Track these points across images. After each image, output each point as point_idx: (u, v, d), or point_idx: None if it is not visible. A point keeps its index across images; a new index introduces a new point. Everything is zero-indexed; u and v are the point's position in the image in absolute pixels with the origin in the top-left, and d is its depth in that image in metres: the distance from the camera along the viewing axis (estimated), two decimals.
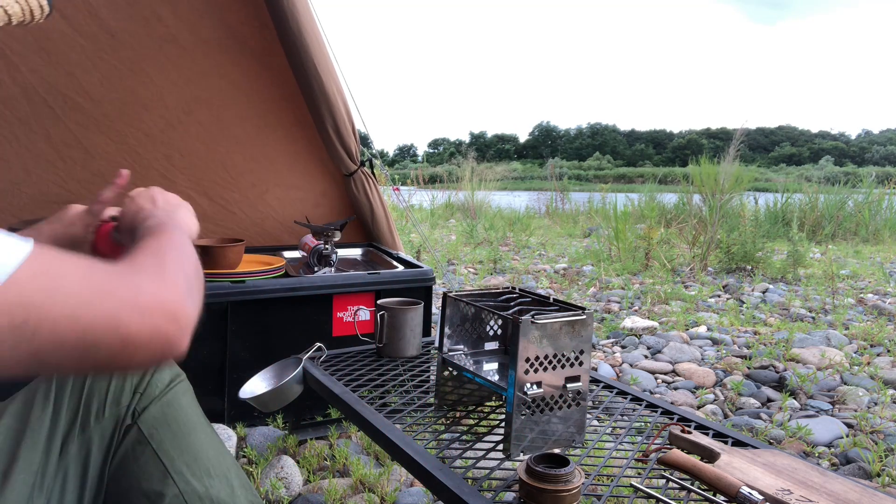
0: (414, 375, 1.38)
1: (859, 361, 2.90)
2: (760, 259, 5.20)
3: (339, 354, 1.49)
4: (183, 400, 0.94)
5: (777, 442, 2.10)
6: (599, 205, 9.44)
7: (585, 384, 1.03)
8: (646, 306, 3.93)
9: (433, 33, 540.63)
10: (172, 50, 2.46)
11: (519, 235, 7.34)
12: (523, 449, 0.99)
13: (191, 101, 2.54)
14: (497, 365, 1.21)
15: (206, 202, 2.65)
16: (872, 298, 4.29)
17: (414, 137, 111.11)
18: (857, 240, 7.67)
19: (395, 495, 1.67)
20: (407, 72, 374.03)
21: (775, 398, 2.48)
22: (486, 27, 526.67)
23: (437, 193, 11.17)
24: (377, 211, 2.73)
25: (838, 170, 18.67)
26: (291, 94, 2.58)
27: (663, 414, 1.19)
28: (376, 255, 2.58)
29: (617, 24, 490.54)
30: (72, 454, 0.85)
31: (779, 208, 8.19)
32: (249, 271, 2.03)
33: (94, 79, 2.36)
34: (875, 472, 1.87)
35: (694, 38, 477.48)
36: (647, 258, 5.40)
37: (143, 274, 0.63)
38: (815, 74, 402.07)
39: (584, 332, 1.02)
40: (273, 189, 2.74)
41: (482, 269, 5.12)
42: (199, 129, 2.58)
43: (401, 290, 2.09)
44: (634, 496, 0.89)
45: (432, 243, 6.60)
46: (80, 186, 2.46)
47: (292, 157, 2.74)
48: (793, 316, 3.75)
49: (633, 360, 2.90)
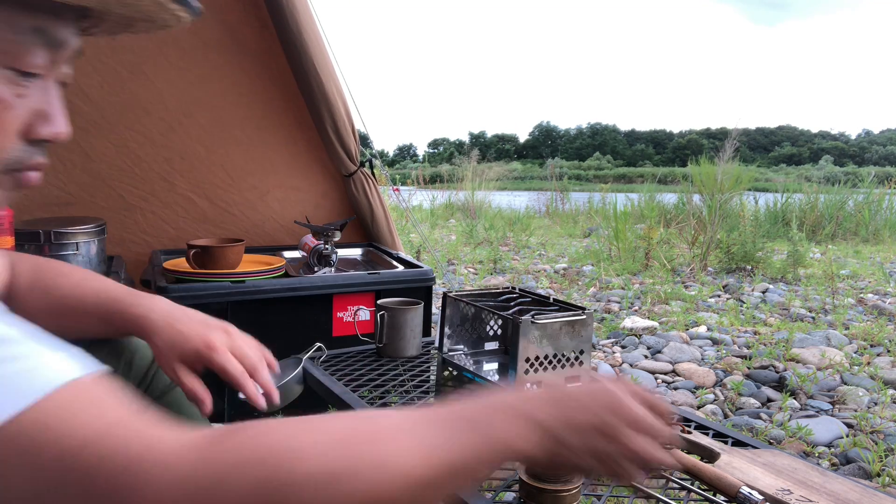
0: (414, 375, 1.38)
1: (859, 361, 2.90)
2: (760, 259, 5.20)
3: (339, 354, 1.49)
4: (183, 401, 0.94)
5: (777, 442, 2.10)
6: (599, 205, 9.44)
7: None
8: (646, 306, 3.93)
9: (433, 33, 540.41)
10: (172, 52, 2.46)
11: (519, 235, 7.34)
12: None
13: (191, 103, 2.54)
14: (497, 365, 1.21)
15: (207, 204, 2.65)
16: (872, 298, 4.29)
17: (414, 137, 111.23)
18: (857, 240, 7.67)
19: None
20: (407, 72, 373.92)
21: (775, 398, 2.48)
22: (486, 27, 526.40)
23: (437, 193, 11.17)
24: (377, 211, 2.73)
25: (838, 170, 18.68)
26: (291, 94, 2.59)
27: None
28: (376, 255, 2.58)
29: (617, 24, 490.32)
30: None
31: (779, 208, 8.19)
32: (249, 271, 2.03)
33: (93, 82, 2.36)
34: (875, 472, 1.87)
35: (694, 38, 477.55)
36: (647, 258, 5.40)
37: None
38: (816, 75, 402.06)
39: (584, 332, 1.02)
40: (273, 190, 2.74)
41: (482, 269, 5.12)
42: (200, 131, 2.58)
43: (401, 290, 2.09)
44: (634, 496, 0.89)
45: (432, 243, 6.60)
46: (80, 189, 2.46)
47: (292, 157, 2.74)
48: (793, 316, 3.75)
49: (633, 360, 2.90)
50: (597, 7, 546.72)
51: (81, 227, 1.98)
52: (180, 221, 2.63)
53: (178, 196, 2.61)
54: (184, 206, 2.63)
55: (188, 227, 2.65)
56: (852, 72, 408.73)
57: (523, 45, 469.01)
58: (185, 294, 1.86)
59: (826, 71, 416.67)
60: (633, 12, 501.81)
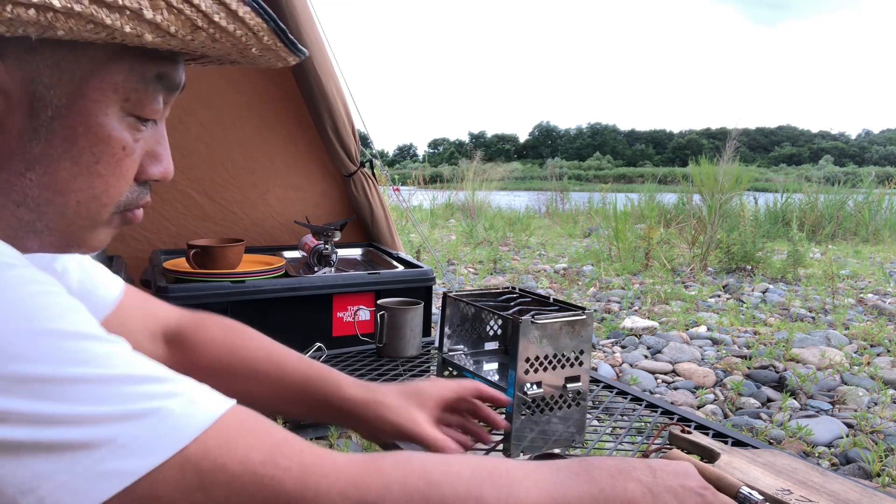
0: (414, 375, 1.38)
1: (859, 361, 2.90)
2: (760, 259, 5.20)
3: (339, 354, 1.49)
4: None
5: (777, 442, 2.10)
6: (599, 205, 9.44)
7: (585, 384, 1.03)
8: (646, 306, 3.93)
9: (433, 33, 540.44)
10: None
11: (519, 235, 7.34)
12: (523, 449, 1.00)
13: (191, 100, 2.54)
14: (497, 365, 1.21)
15: (207, 201, 2.65)
16: (872, 298, 4.29)
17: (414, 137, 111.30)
18: (857, 240, 7.67)
19: None
20: (407, 72, 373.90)
21: (775, 398, 2.48)
22: (487, 27, 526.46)
23: (437, 193, 11.17)
24: (377, 211, 2.73)
25: (838, 170, 18.69)
26: (291, 94, 2.59)
27: (663, 414, 1.19)
28: (376, 255, 2.58)
29: (617, 24, 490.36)
30: None
31: (779, 208, 8.19)
32: (249, 271, 2.03)
33: None
34: (875, 472, 1.87)
35: (694, 39, 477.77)
36: (647, 258, 5.40)
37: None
38: (816, 75, 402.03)
39: (584, 332, 1.02)
40: (273, 189, 2.74)
41: (482, 269, 5.12)
42: (200, 128, 2.58)
43: (401, 290, 2.09)
44: None
45: (432, 243, 6.60)
46: None
47: (292, 157, 2.74)
48: (793, 316, 3.75)
49: (633, 360, 2.90)
50: (597, 7, 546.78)
51: None
52: (180, 218, 2.63)
53: (178, 193, 2.61)
54: (184, 203, 2.63)
55: (188, 223, 2.65)
56: (852, 72, 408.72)
57: (523, 45, 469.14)
58: (184, 294, 1.86)
59: (826, 71, 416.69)
60: (634, 12, 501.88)
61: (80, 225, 0.56)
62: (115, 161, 0.55)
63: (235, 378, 0.82)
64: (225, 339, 0.85)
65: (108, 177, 0.55)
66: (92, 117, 0.52)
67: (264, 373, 0.84)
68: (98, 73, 0.52)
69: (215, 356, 0.83)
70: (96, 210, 0.56)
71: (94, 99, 0.52)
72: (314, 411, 0.85)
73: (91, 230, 0.57)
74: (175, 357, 0.83)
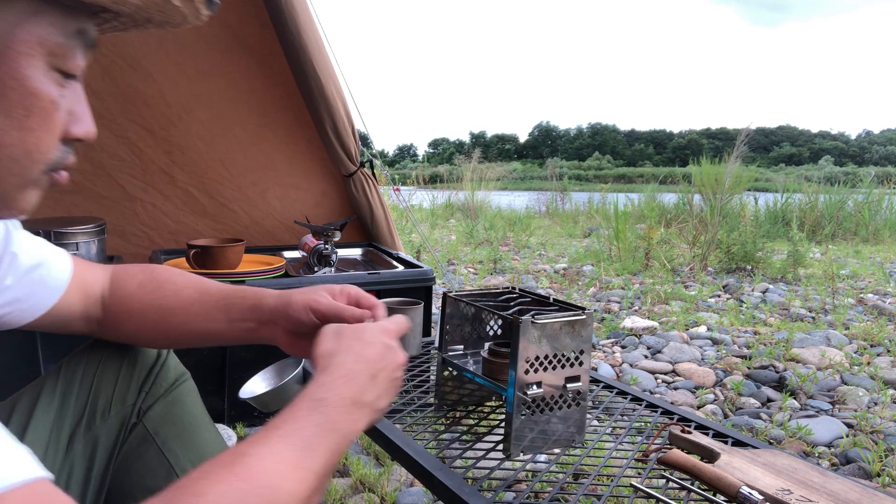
0: (414, 375, 1.38)
1: (859, 361, 2.90)
2: (760, 259, 5.20)
3: None
4: (188, 399, 0.93)
5: (777, 442, 2.10)
6: (599, 205, 9.45)
7: (585, 384, 1.03)
8: (646, 306, 3.93)
9: (433, 33, 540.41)
10: (173, 48, 2.46)
11: (519, 235, 7.33)
12: (523, 449, 1.00)
13: (191, 98, 2.54)
14: None
15: (206, 199, 2.66)
16: (872, 298, 4.29)
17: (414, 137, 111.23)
18: (857, 240, 7.67)
19: (395, 495, 1.67)
20: (407, 72, 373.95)
21: (775, 398, 2.48)
22: (487, 27, 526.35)
23: (436, 193, 11.17)
24: (377, 211, 2.73)
25: (838, 170, 18.69)
26: (291, 93, 2.59)
27: (663, 414, 1.19)
28: (376, 255, 2.58)
29: (617, 24, 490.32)
30: (77, 452, 0.84)
31: (779, 208, 8.19)
32: (249, 271, 2.03)
33: (94, 72, 2.36)
34: (875, 472, 1.87)
35: (694, 39, 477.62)
36: (647, 258, 5.40)
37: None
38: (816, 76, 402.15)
39: (584, 332, 1.02)
40: (273, 188, 2.74)
41: (482, 269, 5.12)
42: (200, 127, 2.59)
43: (401, 290, 2.09)
44: (634, 496, 0.89)
45: (432, 243, 6.60)
46: (81, 177, 2.48)
47: (292, 156, 2.74)
48: (793, 316, 3.75)
49: (633, 360, 2.90)
50: (597, 7, 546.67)
51: (81, 226, 1.98)
52: (180, 215, 2.64)
53: (178, 189, 2.61)
54: (184, 200, 2.64)
55: (188, 220, 2.65)
56: (852, 73, 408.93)
57: (523, 45, 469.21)
58: None
59: (826, 72, 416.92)
60: (634, 13, 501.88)
61: (12, 183, 0.55)
62: (45, 115, 0.54)
63: (171, 313, 0.88)
64: (150, 282, 0.91)
65: (38, 131, 0.54)
66: (21, 69, 0.52)
67: (189, 299, 0.89)
68: (24, 25, 0.51)
69: (145, 302, 0.89)
70: (28, 166, 0.55)
71: (22, 51, 0.51)
72: (236, 324, 0.88)
73: (21, 189, 0.56)
74: (111, 315, 0.88)
